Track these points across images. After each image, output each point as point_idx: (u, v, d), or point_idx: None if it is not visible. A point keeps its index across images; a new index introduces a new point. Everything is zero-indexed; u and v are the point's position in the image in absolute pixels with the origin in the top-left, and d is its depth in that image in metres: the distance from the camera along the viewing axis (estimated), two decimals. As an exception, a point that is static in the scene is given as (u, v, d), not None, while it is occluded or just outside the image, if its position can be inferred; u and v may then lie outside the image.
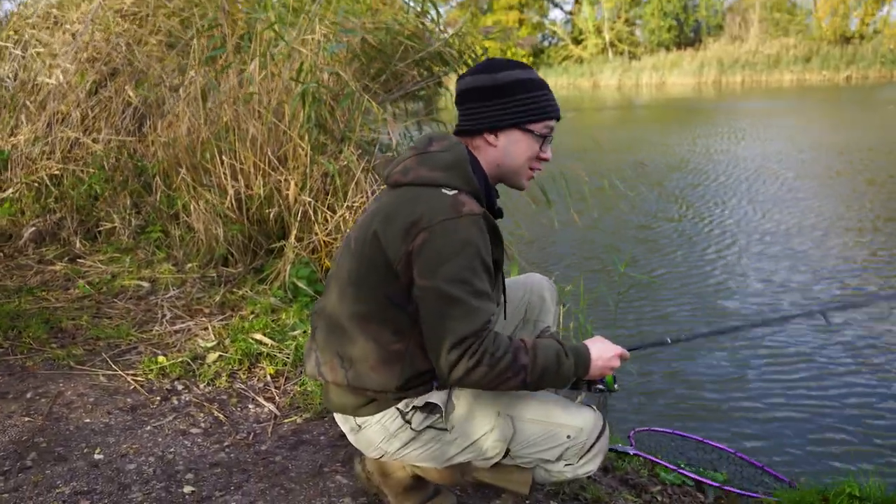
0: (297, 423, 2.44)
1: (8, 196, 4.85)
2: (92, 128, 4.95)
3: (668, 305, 4.77)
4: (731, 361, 3.78)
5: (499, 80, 1.58)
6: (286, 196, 3.79)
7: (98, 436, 2.31)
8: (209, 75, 4.26)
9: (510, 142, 1.61)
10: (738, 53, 33.48)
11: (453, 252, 1.42)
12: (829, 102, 20.21)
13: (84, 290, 3.58)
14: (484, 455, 1.60)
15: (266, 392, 2.66)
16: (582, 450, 1.58)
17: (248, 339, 2.96)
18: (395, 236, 1.46)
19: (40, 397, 2.57)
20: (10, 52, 5.50)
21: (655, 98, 25.46)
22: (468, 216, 1.45)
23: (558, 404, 1.61)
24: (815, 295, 4.68)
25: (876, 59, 30.95)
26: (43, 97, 5.12)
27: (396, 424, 1.60)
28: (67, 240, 4.36)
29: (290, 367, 2.81)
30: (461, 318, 1.40)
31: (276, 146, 3.90)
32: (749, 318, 4.40)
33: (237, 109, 3.95)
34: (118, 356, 2.91)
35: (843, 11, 36.34)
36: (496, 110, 1.58)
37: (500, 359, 1.41)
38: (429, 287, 1.43)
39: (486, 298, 1.45)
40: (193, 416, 2.46)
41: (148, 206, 4.45)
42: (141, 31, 5.10)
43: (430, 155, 1.57)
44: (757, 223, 6.30)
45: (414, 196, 1.51)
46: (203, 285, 3.64)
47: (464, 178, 1.54)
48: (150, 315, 3.33)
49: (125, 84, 4.98)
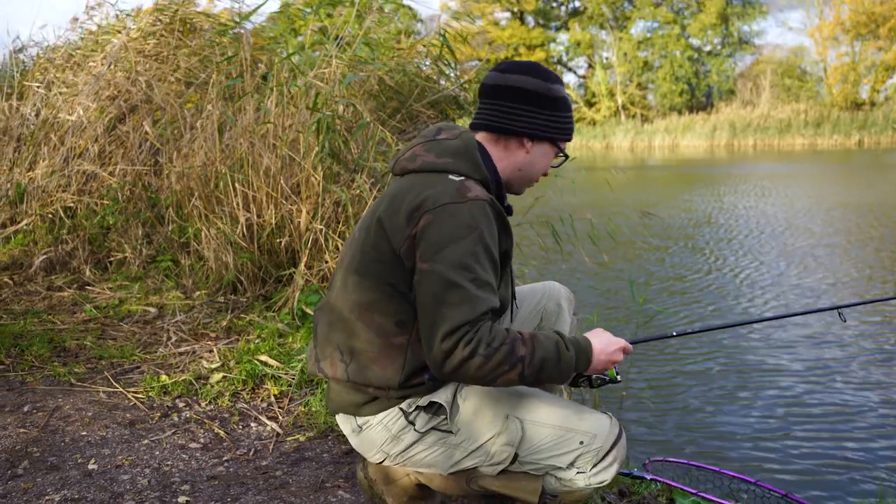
0: (299, 440, 2.35)
1: (21, 228, 4.88)
2: (108, 161, 5.00)
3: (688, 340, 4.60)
4: (743, 388, 3.64)
5: (551, 92, 1.57)
6: (297, 224, 3.78)
7: (93, 447, 2.23)
8: (226, 109, 4.31)
9: (540, 153, 1.62)
10: (749, 118, 33.82)
11: (457, 236, 1.36)
12: (844, 165, 20.24)
13: (90, 314, 3.54)
14: (491, 460, 1.50)
15: (269, 412, 2.57)
16: (596, 457, 1.48)
17: (253, 361, 2.89)
18: (400, 220, 1.42)
19: (38, 410, 2.50)
20: (34, 92, 5.63)
21: (669, 159, 25.63)
22: (474, 201, 1.41)
23: (571, 408, 1.53)
24: (847, 343, 4.53)
25: (888, 124, 31.14)
26: (62, 133, 5.20)
27: (399, 425, 1.52)
28: (77, 268, 4.34)
29: (295, 388, 2.73)
30: (458, 305, 1.33)
31: (289, 176, 3.91)
32: (752, 315, 4.21)
33: (253, 142, 3.98)
34: (120, 374, 2.84)
35: (854, 79, 36.81)
36: (543, 120, 1.57)
37: (496, 349, 1.32)
38: (429, 271, 1.36)
39: (488, 289, 1.38)
40: (193, 432, 2.38)
41: (160, 236, 4.44)
42: (161, 69, 5.20)
43: (439, 142, 1.54)
44: (790, 277, 6.16)
45: (420, 181, 1.47)
46: (210, 311, 3.59)
47: (472, 165, 1.51)
48: (155, 338, 3.27)
49: (143, 120, 5.05)
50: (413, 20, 5.12)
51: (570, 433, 1.48)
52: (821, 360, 3.97)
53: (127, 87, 5.19)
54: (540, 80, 1.56)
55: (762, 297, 5.47)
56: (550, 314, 1.84)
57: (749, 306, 5.23)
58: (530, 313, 1.84)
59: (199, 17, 5.52)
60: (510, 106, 1.56)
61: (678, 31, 39.76)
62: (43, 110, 5.49)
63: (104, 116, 5.13)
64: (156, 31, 5.35)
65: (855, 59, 37.15)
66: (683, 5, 40.92)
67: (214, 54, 5.02)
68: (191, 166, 4.19)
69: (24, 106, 5.64)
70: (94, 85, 5.29)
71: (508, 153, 1.60)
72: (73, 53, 5.83)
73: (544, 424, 1.49)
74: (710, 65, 40.48)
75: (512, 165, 1.61)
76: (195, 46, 5.33)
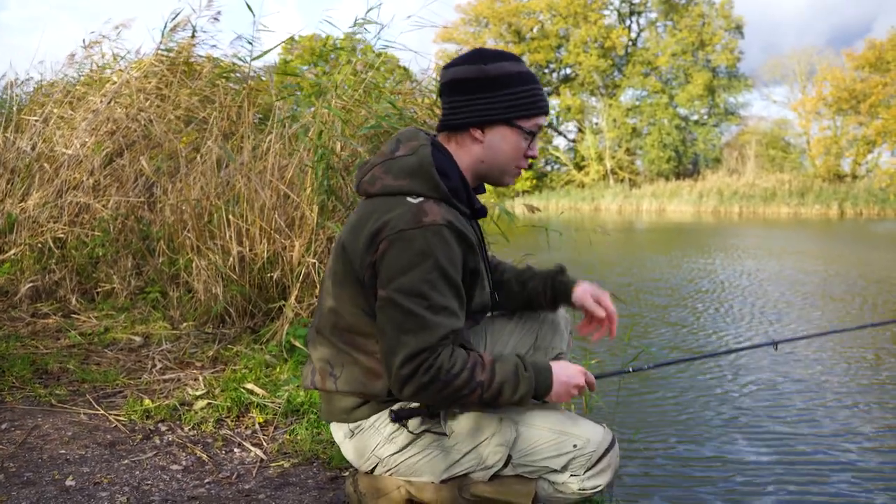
0: (284, 466, 2.30)
1: (9, 257, 4.84)
2: (103, 194, 5.01)
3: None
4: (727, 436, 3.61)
5: (488, 72, 1.49)
6: (290, 258, 3.78)
7: (72, 465, 2.17)
8: (226, 146, 4.36)
9: (497, 138, 1.53)
10: (735, 185, 34.44)
11: (412, 263, 1.37)
12: (829, 233, 20.55)
13: (74, 340, 3.49)
14: (484, 463, 1.49)
15: (254, 438, 2.52)
16: (589, 461, 1.48)
17: (239, 389, 2.84)
18: (360, 246, 1.43)
19: (16, 428, 2.44)
20: (31, 125, 5.66)
21: (657, 223, 25.95)
22: (429, 227, 1.39)
23: (565, 414, 1.54)
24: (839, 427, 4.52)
25: (869, 196, 31.80)
26: (57, 165, 5.21)
27: (392, 427, 1.51)
28: (64, 297, 4.30)
29: (281, 416, 2.69)
30: (415, 332, 1.35)
31: (283, 212, 3.93)
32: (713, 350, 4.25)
33: (250, 178, 4.01)
34: (102, 398, 2.79)
35: (836, 152, 37.72)
36: (484, 104, 1.49)
37: (456, 375, 1.36)
38: (386, 298, 1.39)
39: (446, 313, 1.38)
40: (175, 455, 2.33)
41: (150, 268, 4.42)
42: (162, 106, 5.27)
43: (395, 161, 1.50)
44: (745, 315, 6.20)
45: (380, 206, 1.46)
46: (197, 341, 3.55)
47: (429, 184, 1.46)
48: (139, 365, 3.22)
49: (140, 155, 5.08)
50: (408, 79, 5.19)
51: (563, 436, 1.47)
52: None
53: (126, 124, 5.24)
54: (473, 64, 1.51)
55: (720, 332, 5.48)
56: (546, 333, 1.83)
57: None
58: (526, 332, 1.83)
59: (202, 60, 5.62)
60: (452, 100, 1.53)
61: (666, 101, 40.80)
62: (39, 144, 5.52)
63: (101, 150, 5.17)
64: (157, 72, 5.43)
65: (837, 132, 38.15)
66: (672, 76, 42.10)
67: (217, 94, 5.10)
68: (185, 199, 4.21)
69: (20, 139, 5.67)
70: (93, 120, 5.34)
71: (464, 149, 1.55)
72: (72, 89, 5.90)
73: (539, 427, 1.49)
74: (696, 133, 41.40)
75: (472, 159, 1.56)
76: (196, 87, 5.41)
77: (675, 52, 40.66)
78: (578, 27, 41.37)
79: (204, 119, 5.04)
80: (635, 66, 41.73)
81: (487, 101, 1.49)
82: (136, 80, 5.38)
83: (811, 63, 40.08)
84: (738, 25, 41.25)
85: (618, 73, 43.21)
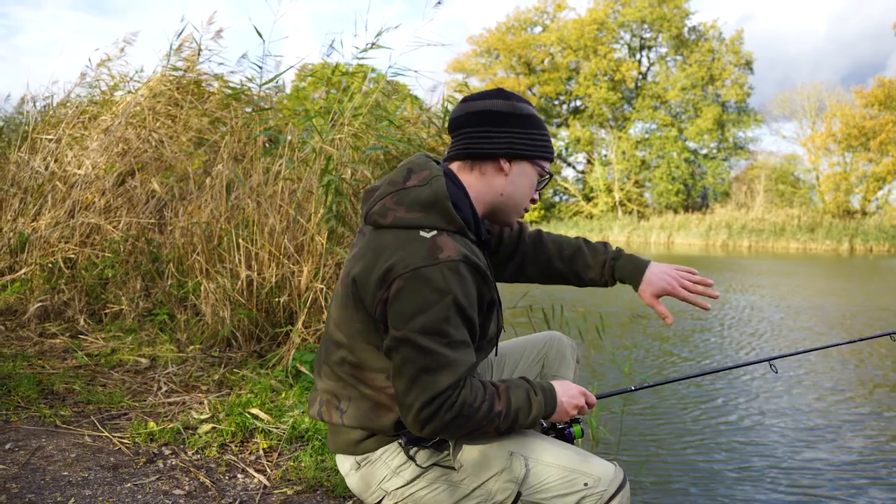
0: (287, 493, 2.27)
1: (20, 277, 4.87)
2: (114, 215, 5.04)
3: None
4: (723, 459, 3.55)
5: (520, 110, 1.53)
6: (298, 283, 3.78)
7: (74, 487, 2.15)
8: (236, 170, 4.39)
9: (521, 174, 1.54)
10: (744, 220, 34.38)
11: (427, 302, 1.34)
12: (844, 268, 20.43)
13: (81, 361, 3.49)
14: (493, 499, 1.46)
15: (257, 464, 2.50)
16: (600, 501, 1.44)
17: (244, 414, 2.82)
18: (372, 283, 1.39)
19: (19, 449, 2.42)
20: (44, 145, 5.72)
21: (665, 255, 25.87)
22: (445, 262, 1.36)
23: (576, 451, 1.50)
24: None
25: (879, 233, 31.67)
26: (69, 185, 5.26)
27: (399, 460, 1.49)
28: (72, 318, 4.30)
29: (286, 442, 2.66)
30: (437, 371, 1.33)
31: (292, 236, 3.94)
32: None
33: (259, 202, 4.03)
34: (107, 419, 2.77)
35: (846, 188, 37.66)
36: (517, 137, 1.51)
37: (477, 409, 1.36)
38: (402, 338, 1.35)
39: (463, 347, 1.38)
40: (178, 479, 2.30)
41: (158, 290, 4.42)
42: (174, 127, 5.32)
43: (407, 192, 1.46)
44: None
45: (391, 240, 1.42)
46: (203, 365, 3.53)
47: (444, 217, 1.44)
48: (145, 387, 3.21)
49: (151, 176, 5.12)
50: (417, 107, 5.22)
51: (574, 474, 1.45)
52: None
53: (138, 144, 5.29)
54: (504, 100, 1.53)
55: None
56: (553, 361, 1.83)
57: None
58: (532, 360, 1.82)
59: (211, 79, 5.68)
60: (480, 130, 1.52)
61: (675, 134, 40.95)
62: (52, 164, 5.57)
63: (113, 171, 5.21)
64: (166, 91, 5.48)
65: (846, 169, 38.14)
66: (681, 110, 42.31)
67: (228, 116, 5.15)
68: (195, 222, 4.23)
69: (33, 159, 5.72)
70: (105, 140, 5.39)
71: (485, 179, 1.54)
72: (84, 109, 5.97)
73: (549, 464, 1.46)
74: (705, 167, 41.45)
75: (492, 192, 1.55)
76: (207, 108, 5.47)
77: (685, 86, 40.91)
78: (588, 60, 41.74)
79: (215, 141, 5.09)
80: (645, 99, 41.97)
81: (520, 135, 1.52)
82: (146, 99, 5.43)
83: (821, 99, 40.24)
84: (748, 61, 41.54)
85: (627, 105, 43.46)
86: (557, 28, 42.89)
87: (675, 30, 41.11)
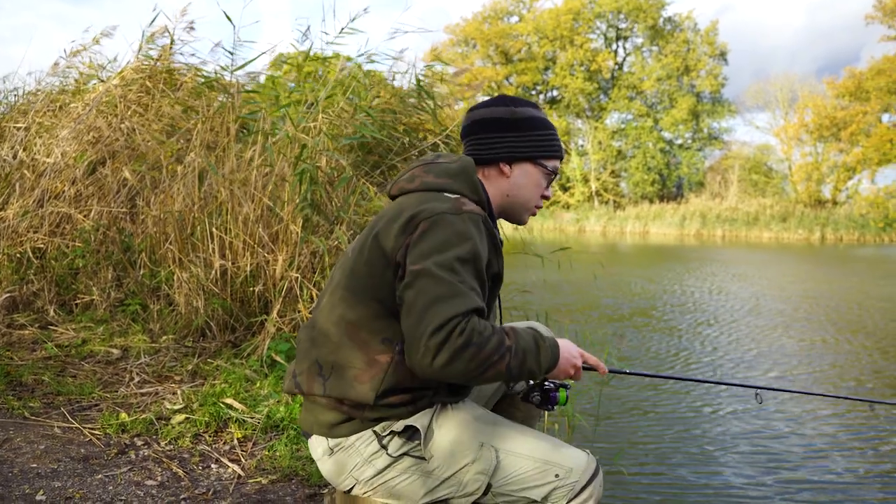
0: (262, 483, 2.25)
1: (-14, 267, 4.76)
2: (85, 204, 4.95)
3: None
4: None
5: (517, 114, 1.63)
6: (272, 272, 3.74)
7: (43, 479, 2.12)
8: (209, 158, 4.32)
9: (523, 174, 1.64)
10: (718, 209, 34.75)
11: (450, 242, 1.38)
12: (815, 257, 20.76)
13: (50, 351, 3.42)
14: (464, 490, 1.46)
15: (231, 454, 2.48)
16: (571, 492, 1.45)
17: (218, 404, 2.80)
18: (396, 231, 1.43)
19: (-14, 441, 2.38)
20: (13, 133, 5.60)
21: (639, 245, 26.09)
22: (469, 214, 1.44)
23: (548, 441, 1.50)
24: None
25: (849, 222, 32.22)
26: (38, 175, 5.15)
27: (372, 448, 1.47)
28: (42, 308, 4.22)
29: (260, 432, 2.64)
30: (450, 298, 1.32)
31: (266, 225, 3.90)
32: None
33: (232, 189, 3.98)
34: (77, 411, 2.73)
35: (817, 178, 38.22)
36: (513, 141, 1.62)
37: (488, 339, 1.32)
38: (419, 271, 1.36)
39: (475, 293, 1.38)
40: (150, 470, 2.28)
41: (130, 280, 4.36)
42: (145, 115, 5.23)
43: (437, 164, 1.58)
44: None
45: (417, 198, 1.50)
46: (176, 355, 3.49)
47: (470, 185, 1.55)
48: (117, 378, 3.17)
49: (123, 165, 5.03)
50: (394, 95, 5.16)
51: (546, 465, 1.44)
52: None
53: (109, 133, 5.19)
54: (504, 107, 1.64)
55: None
56: None
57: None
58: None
59: (183, 69, 5.59)
60: (481, 137, 1.64)
61: (651, 124, 41.22)
62: (21, 152, 5.46)
63: (84, 160, 5.11)
64: (138, 80, 5.39)
65: (818, 159, 38.69)
66: (656, 100, 42.58)
67: (200, 104, 5.07)
68: (168, 211, 4.17)
69: (1, 147, 5.60)
70: (76, 129, 5.29)
71: (490, 182, 1.64)
72: (56, 98, 5.85)
73: (520, 455, 1.45)
74: (680, 157, 41.79)
75: (499, 193, 1.64)
76: (179, 97, 5.38)
77: (661, 76, 41.16)
78: (565, 50, 41.80)
79: (187, 129, 5.01)
80: (621, 89, 42.17)
81: (517, 139, 1.62)
82: (118, 88, 5.33)
83: (793, 90, 40.73)
84: (723, 52, 41.87)
85: (603, 96, 43.63)
86: (534, 18, 42.86)
87: (651, 20, 41.29)
